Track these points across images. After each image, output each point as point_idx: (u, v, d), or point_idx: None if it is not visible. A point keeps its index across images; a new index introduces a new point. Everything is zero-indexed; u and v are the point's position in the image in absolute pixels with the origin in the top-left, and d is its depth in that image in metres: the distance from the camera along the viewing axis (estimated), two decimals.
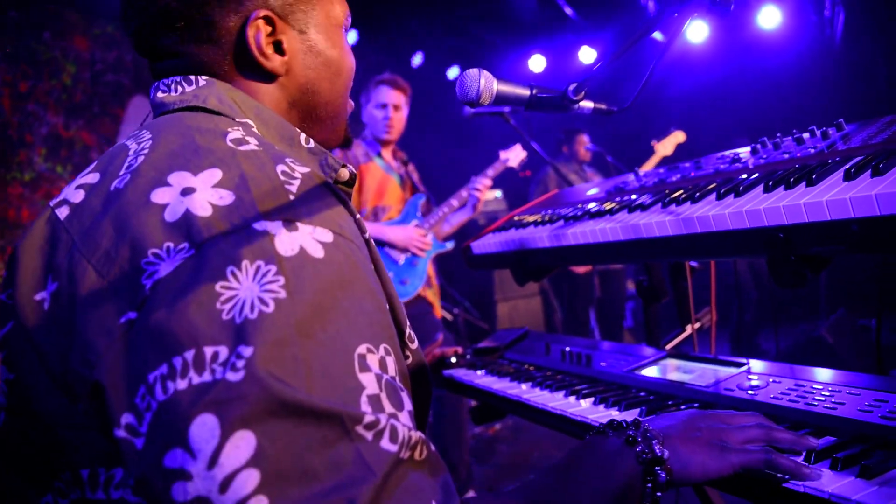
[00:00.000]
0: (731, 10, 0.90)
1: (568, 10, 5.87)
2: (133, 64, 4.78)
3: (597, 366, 1.45)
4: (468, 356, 1.79)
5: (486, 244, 1.70)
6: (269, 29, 0.82)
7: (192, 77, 0.81)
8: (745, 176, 1.10)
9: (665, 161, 4.59)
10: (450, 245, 3.45)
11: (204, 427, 0.51)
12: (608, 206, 1.36)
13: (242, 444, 0.51)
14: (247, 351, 0.53)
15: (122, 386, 0.55)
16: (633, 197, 1.32)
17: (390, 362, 0.62)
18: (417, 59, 6.38)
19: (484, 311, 5.54)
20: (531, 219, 1.65)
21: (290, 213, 0.62)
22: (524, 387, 1.41)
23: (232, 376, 0.52)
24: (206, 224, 0.59)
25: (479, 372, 1.62)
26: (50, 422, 0.61)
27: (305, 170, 0.69)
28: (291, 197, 0.64)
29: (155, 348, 0.55)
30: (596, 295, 5.09)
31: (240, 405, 0.51)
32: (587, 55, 6.20)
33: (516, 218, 1.80)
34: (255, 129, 0.79)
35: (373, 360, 0.59)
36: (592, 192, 1.65)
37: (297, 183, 0.66)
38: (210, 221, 0.60)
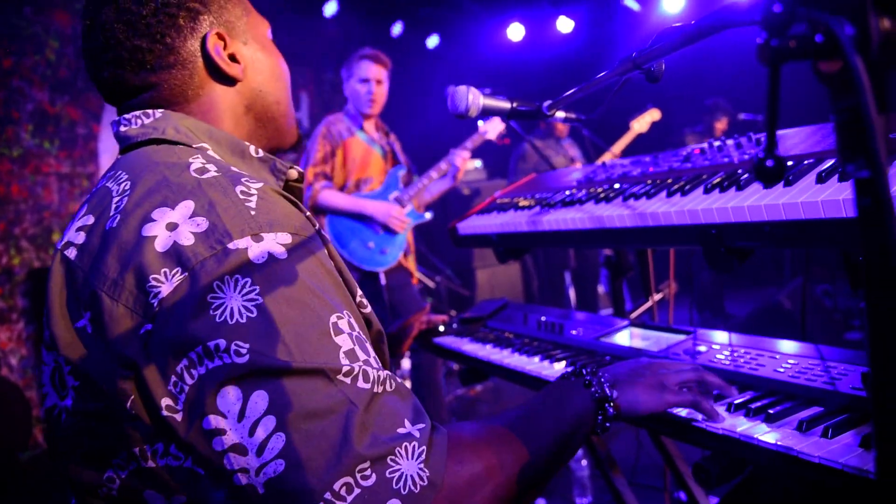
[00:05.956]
0: None
1: None
2: None
3: (568, 334, 1.66)
4: (454, 325, 1.99)
5: (470, 226, 1.89)
6: (223, 43, 0.98)
7: (150, 111, 0.95)
8: (692, 177, 1.30)
9: (640, 139, 4.75)
10: (428, 215, 3.59)
11: (228, 396, 0.70)
12: (579, 196, 1.55)
13: (259, 400, 0.70)
14: (244, 346, 0.71)
15: (157, 379, 0.72)
16: (600, 190, 1.52)
17: (353, 321, 0.80)
18: (397, 29, 6.43)
19: (465, 278, 5.76)
20: (512, 203, 1.84)
21: (255, 226, 0.77)
22: (505, 353, 1.62)
23: (239, 360, 0.70)
24: (192, 251, 0.75)
25: (465, 339, 1.83)
26: (114, 417, 0.76)
27: (259, 185, 0.83)
28: (253, 212, 0.78)
29: (174, 349, 0.72)
30: (571, 264, 5.30)
31: (252, 377, 0.70)
32: (564, 24, 6.33)
33: (498, 201, 1.98)
34: (210, 152, 0.93)
35: (343, 324, 0.77)
36: (569, 177, 1.84)
37: (254, 199, 0.80)
38: (195, 248, 0.75)
